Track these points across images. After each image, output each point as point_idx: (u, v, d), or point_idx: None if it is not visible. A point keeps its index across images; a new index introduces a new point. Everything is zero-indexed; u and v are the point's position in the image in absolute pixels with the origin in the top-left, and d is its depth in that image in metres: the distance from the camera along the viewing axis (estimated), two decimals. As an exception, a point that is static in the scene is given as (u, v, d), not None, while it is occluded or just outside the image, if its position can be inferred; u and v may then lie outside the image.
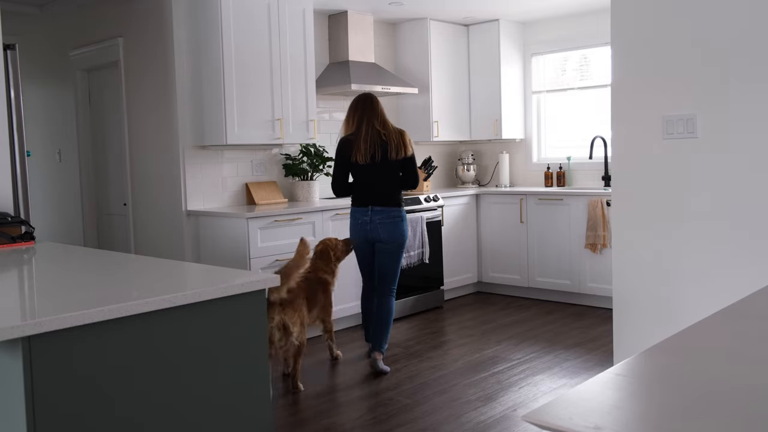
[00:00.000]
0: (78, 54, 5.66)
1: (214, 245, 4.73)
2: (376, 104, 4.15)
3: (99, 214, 5.80)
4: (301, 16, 5.08)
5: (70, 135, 5.85)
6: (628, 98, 3.12)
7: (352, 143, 4.08)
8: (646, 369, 1.19)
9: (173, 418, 1.82)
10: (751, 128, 2.79)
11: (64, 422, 1.62)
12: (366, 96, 4.20)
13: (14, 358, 1.57)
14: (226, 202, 5.09)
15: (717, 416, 0.98)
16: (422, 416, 3.44)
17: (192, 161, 4.87)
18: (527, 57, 6.63)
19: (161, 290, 1.84)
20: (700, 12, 2.87)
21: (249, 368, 1.99)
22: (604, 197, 5.45)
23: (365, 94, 4.24)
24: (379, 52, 6.25)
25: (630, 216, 3.15)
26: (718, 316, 1.49)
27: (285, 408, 3.61)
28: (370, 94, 4.22)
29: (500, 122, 6.40)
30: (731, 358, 1.25)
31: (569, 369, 4.10)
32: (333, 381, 4.03)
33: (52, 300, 1.83)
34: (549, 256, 5.82)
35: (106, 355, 1.68)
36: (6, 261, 2.57)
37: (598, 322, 5.13)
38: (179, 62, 4.79)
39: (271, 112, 4.92)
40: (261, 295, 2.00)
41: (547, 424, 0.95)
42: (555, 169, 6.42)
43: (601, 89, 6.12)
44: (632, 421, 0.99)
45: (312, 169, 5.40)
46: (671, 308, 3.04)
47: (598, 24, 5.96)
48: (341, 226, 5.01)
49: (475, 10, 6.03)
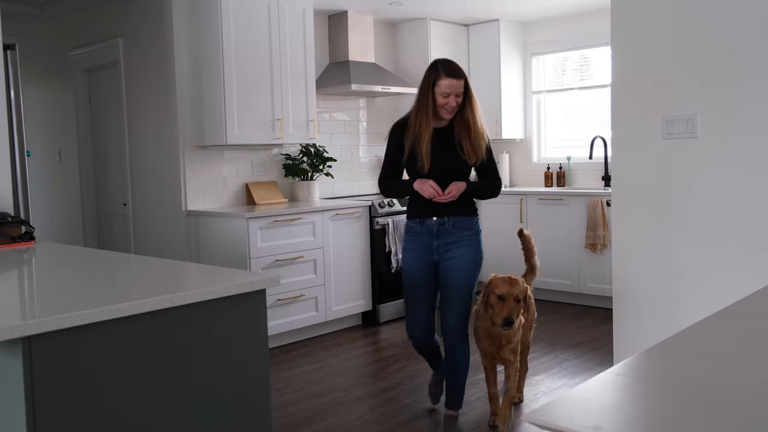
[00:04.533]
0: (78, 54, 5.66)
1: (214, 245, 4.73)
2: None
3: (99, 214, 5.80)
4: (301, 16, 5.08)
5: (70, 135, 5.85)
6: (628, 98, 3.12)
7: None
8: (646, 369, 1.19)
9: (173, 418, 1.82)
10: (751, 128, 2.79)
11: (64, 422, 1.62)
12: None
13: (14, 358, 1.57)
14: (226, 202, 5.09)
15: (717, 416, 0.98)
16: (422, 416, 3.44)
17: (192, 161, 4.87)
18: (527, 57, 6.63)
19: (161, 290, 1.84)
20: (700, 12, 2.87)
21: (249, 368, 1.98)
22: (604, 197, 5.45)
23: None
24: (379, 52, 6.25)
25: (630, 216, 3.14)
26: (718, 316, 1.49)
27: (285, 408, 3.61)
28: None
29: (500, 122, 6.40)
30: (731, 358, 1.25)
31: (569, 369, 4.10)
32: (333, 381, 4.03)
33: (52, 300, 1.83)
34: (549, 256, 5.81)
35: (107, 355, 1.68)
36: (6, 261, 2.57)
37: (598, 322, 5.13)
38: (179, 62, 4.79)
39: (271, 112, 4.92)
40: (261, 295, 2.00)
41: (547, 424, 0.95)
42: (555, 169, 6.42)
43: (601, 89, 6.12)
44: (632, 421, 0.99)
45: (312, 169, 5.40)
46: (671, 308, 3.04)
47: (598, 24, 5.95)
48: (341, 226, 5.01)
49: (475, 10, 6.03)
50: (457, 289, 3.11)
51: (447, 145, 3.08)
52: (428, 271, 3.18)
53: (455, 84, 2.99)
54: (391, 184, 3.26)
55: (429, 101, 3.01)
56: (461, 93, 3.02)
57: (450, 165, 3.09)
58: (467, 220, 3.15)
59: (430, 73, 3.05)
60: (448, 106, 3.01)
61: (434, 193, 3.02)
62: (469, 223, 3.15)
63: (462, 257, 3.10)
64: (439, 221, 3.13)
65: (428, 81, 3.03)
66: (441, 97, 2.99)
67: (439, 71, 3.01)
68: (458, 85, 3.00)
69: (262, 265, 4.53)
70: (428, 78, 3.04)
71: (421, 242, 3.16)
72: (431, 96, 3.01)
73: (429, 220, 3.13)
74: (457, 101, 3.02)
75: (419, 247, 3.17)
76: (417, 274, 3.19)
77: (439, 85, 2.99)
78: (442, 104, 3.01)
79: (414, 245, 3.19)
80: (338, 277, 5.00)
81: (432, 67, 3.06)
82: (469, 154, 3.07)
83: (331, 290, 4.96)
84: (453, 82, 2.99)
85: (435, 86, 3.01)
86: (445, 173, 3.08)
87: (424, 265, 3.17)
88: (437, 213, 3.12)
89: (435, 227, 3.13)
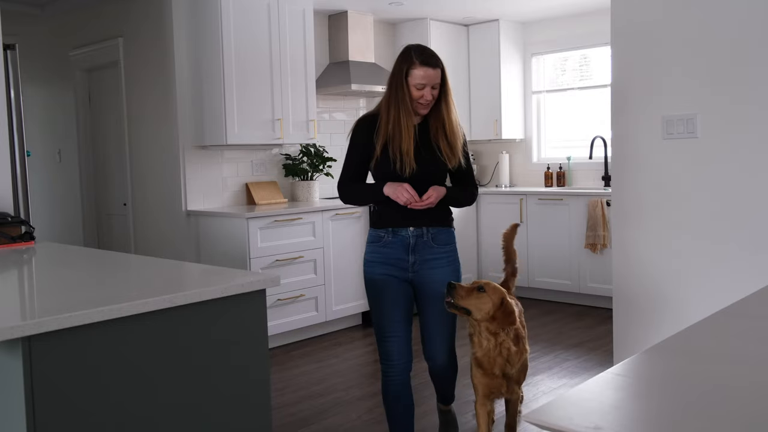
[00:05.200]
0: (78, 54, 5.66)
1: (214, 245, 4.73)
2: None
3: (99, 214, 5.80)
4: (301, 16, 5.08)
5: (70, 135, 5.85)
6: (628, 98, 3.12)
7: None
8: (646, 369, 1.19)
9: (173, 418, 1.82)
10: (751, 128, 2.79)
11: (64, 422, 1.62)
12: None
13: (14, 358, 1.57)
14: (226, 202, 5.09)
15: (717, 416, 0.98)
16: (422, 416, 3.44)
17: (192, 161, 4.87)
18: (527, 57, 6.63)
19: (161, 290, 1.84)
20: (700, 12, 2.87)
21: (249, 368, 1.98)
22: (604, 197, 5.45)
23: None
24: (379, 52, 6.25)
25: (630, 216, 3.14)
26: (718, 316, 1.49)
27: (285, 408, 3.61)
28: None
29: (500, 122, 6.40)
30: (731, 358, 1.25)
31: (569, 369, 4.10)
32: (333, 381, 4.03)
33: (52, 300, 1.83)
34: (549, 256, 5.82)
35: (106, 355, 1.68)
36: (6, 261, 2.57)
37: (598, 322, 5.13)
38: (179, 62, 4.79)
39: (271, 112, 4.92)
40: (261, 295, 2.00)
41: (547, 424, 0.95)
42: (555, 169, 6.42)
43: (601, 89, 6.12)
44: (632, 421, 0.99)
45: (312, 169, 5.40)
46: (671, 308, 3.04)
47: (598, 24, 5.95)
48: (341, 226, 5.01)
49: (475, 10, 6.03)
50: (444, 316, 2.66)
51: (425, 146, 2.63)
52: (406, 291, 2.67)
53: (431, 74, 2.54)
54: (355, 189, 2.72)
55: (405, 93, 2.56)
56: (438, 85, 2.57)
57: (431, 168, 2.63)
58: (446, 232, 2.70)
59: (401, 60, 2.59)
60: (423, 100, 2.56)
61: (411, 199, 2.55)
62: (448, 236, 2.71)
63: (445, 277, 2.65)
64: (417, 232, 2.64)
65: (400, 70, 2.57)
66: (414, 89, 2.55)
67: (412, 59, 2.56)
68: (435, 76, 2.55)
69: (262, 265, 4.53)
70: (400, 67, 2.58)
71: (394, 256, 2.65)
72: (406, 87, 2.56)
73: (404, 231, 2.64)
74: (433, 94, 2.57)
75: (392, 261, 2.65)
76: (390, 295, 2.65)
77: (412, 75, 2.54)
78: (416, 97, 2.56)
79: (385, 258, 2.66)
80: (338, 277, 5.00)
81: (404, 54, 2.60)
82: (448, 157, 2.62)
83: (331, 290, 4.96)
84: (429, 72, 2.54)
85: (408, 76, 2.55)
86: (425, 178, 2.61)
87: (401, 285, 2.66)
88: (414, 222, 2.64)
89: (412, 239, 2.63)
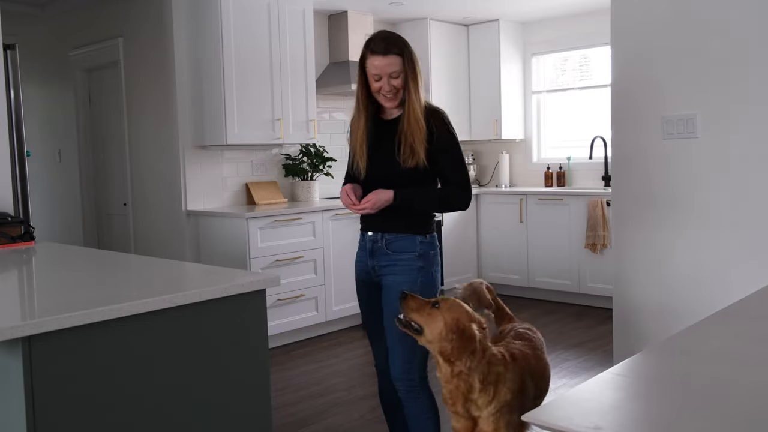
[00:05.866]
0: (78, 54, 5.66)
1: (214, 245, 4.73)
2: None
3: (99, 214, 5.80)
4: (301, 16, 5.09)
5: (70, 135, 5.85)
6: (628, 98, 3.11)
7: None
8: (646, 369, 1.19)
9: (173, 418, 1.82)
10: (751, 128, 2.79)
11: (63, 422, 1.62)
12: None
13: (14, 358, 1.57)
14: (226, 202, 5.09)
15: (717, 416, 0.98)
16: (422, 416, 3.44)
17: (192, 161, 4.87)
18: (527, 57, 6.63)
19: (161, 290, 1.84)
20: (700, 12, 2.87)
21: (249, 368, 1.98)
22: (604, 197, 5.45)
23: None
24: (379, 52, 6.25)
25: (630, 216, 3.14)
26: (718, 316, 1.49)
27: (285, 408, 3.61)
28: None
29: (500, 122, 6.40)
30: (731, 358, 1.25)
31: (569, 369, 4.10)
32: (333, 381, 4.03)
33: (52, 300, 1.83)
34: (549, 256, 5.82)
35: (107, 355, 1.68)
36: (6, 261, 2.57)
37: (598, 322, 5.13)
38: (179, 62, 4.79)
39: (271, 112, 4.92)
40: (261, 295, 2.00)
41: (547, 424, 0.95)
42: (555, 169, 6.42)
43: (601, 89, 6.12)
44: (632, 421, 0.99)
45: (312, 169, 5.40)
46: (671, 308, 3.04)
47: (598, 24, 5.95)
48: (341, 226, 5.01)
49: (475, 10, 6.03)
50: (393, 330, 2.32)
51: (388, 145, 2.38)
52: (376, 294, 2.49)
53: (384, 63, 2.30)
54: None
55: (361, 86, 2.39)
56: (398, 74, 2.32)
57: (384, 170, 2.39)
58: (405, 239, 2.40)
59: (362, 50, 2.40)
60: (382, 92, 2.34)
61: (349, 202, 2.37)
62: (406, 243, 2.40)
63: (395, 287, 2.36)
64: (373, 238, 2.45)
65: (361, 61, 2.39)
66: (373, 80, 2.34)
67: (367, 47, 2.36)
68: (387, 65, 2.30)
69: (262, 265, 4.53)
70: (360, 57, 2.39)
71: (362, 260, 2.52)
72: (364, 79, 2.39)
73: (366, 235, 2.49)
74: (392, 84, 2.32)
75: (360, 265, 2.53)
76: (363, 299, 2.56)
77: (367, 65, 2.35)
78: (375, 89, 2.35)
79: (358, 261, 2.55)
80: (338, 277, 5.00)
81: (364, 43, 2.40)
82: (405, 156, 2.34)
83: (331, 290, 4.96)
84: (380, 61, 2.31)
85: (366, 67, 2.36)
86: (381, 180, 2.39)
87: (371, 290, 2.51)
88: (371, 227, 2.47)
89: (369, 244, 2.47)
